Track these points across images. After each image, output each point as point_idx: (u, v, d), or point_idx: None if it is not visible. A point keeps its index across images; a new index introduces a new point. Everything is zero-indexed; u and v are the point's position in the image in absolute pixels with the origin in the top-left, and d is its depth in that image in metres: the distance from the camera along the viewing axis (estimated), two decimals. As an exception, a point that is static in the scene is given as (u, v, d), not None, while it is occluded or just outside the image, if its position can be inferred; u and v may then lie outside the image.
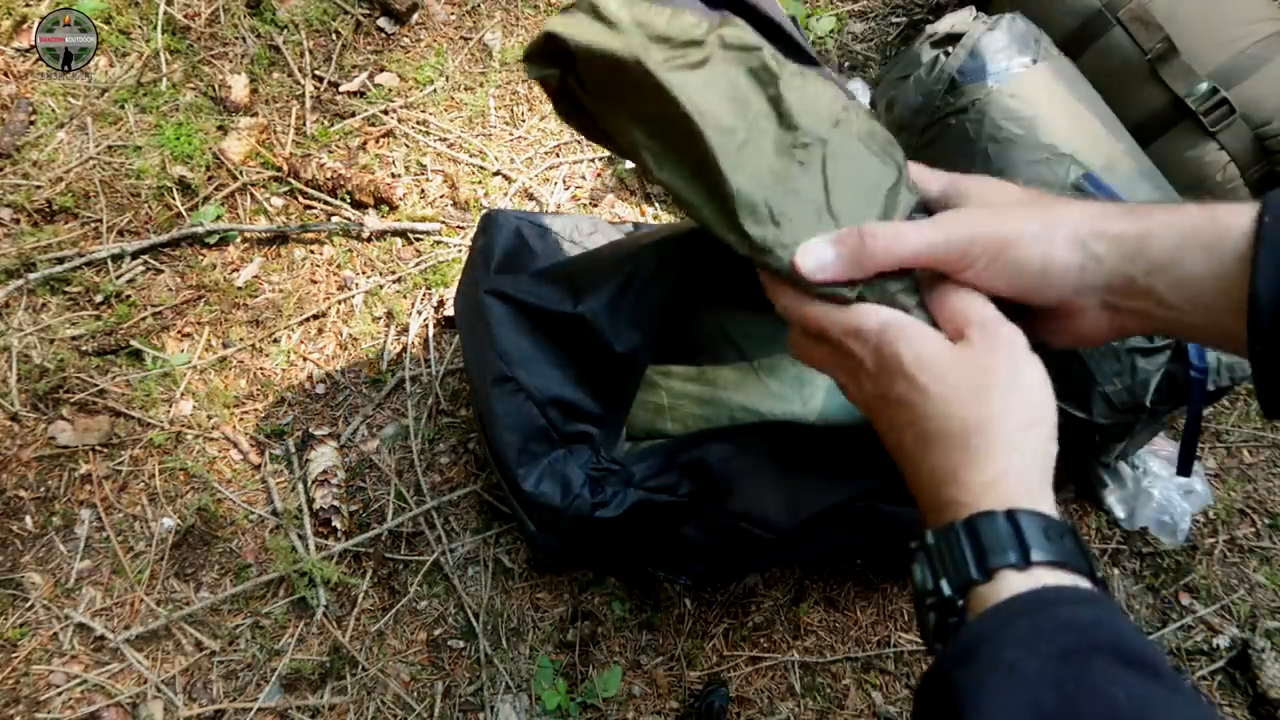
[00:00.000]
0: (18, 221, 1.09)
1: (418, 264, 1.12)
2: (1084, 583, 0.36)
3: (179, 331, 1.07)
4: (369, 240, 1.14)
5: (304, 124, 1.19)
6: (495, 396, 0.78)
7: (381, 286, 1.11)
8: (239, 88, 1.19)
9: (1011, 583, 0.35)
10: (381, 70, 1.24)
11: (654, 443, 0.89)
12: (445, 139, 1.21)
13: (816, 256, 0.44)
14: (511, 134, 1.22)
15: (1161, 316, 0.40)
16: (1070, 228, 0.41)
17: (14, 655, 0.91)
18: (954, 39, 1.04)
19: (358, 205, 1.15)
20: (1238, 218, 0.37)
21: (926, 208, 0.48)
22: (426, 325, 1.10)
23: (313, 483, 0.98)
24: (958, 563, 0.37)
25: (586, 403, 0.79)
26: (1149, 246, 0.39)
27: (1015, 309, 0.43)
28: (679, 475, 0.80)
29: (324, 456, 1.00)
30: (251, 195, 1.14)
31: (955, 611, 0.37)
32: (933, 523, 0.40)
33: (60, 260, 1.07)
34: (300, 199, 1.15)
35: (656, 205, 1.18)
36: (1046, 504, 0.38)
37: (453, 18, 1.30)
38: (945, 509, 0.39)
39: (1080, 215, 0.41)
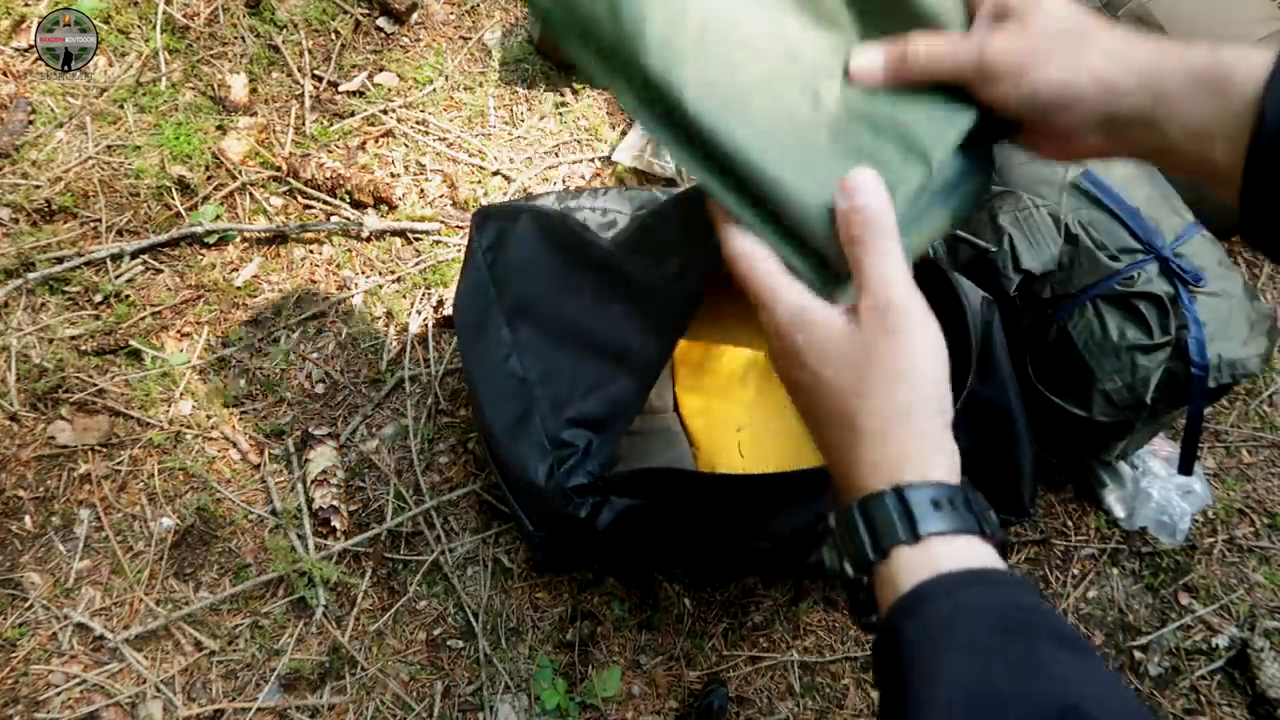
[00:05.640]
0: (17, 221, 1.09)
1: (417, 264, 1.12)
2: (980, 546, 0.38)
3: (178, 331, 1.07)
4: (368, 240, 1.14)
5: (303, 124, 1.19)
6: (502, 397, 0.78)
7: (381, 286, 1.11)
8: (238, 87, 1.19)
9: (908, 558, 0.37)
10: (381, 70, 1.24)
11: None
12: (444, 139, 1.21)
13: (867, 57, 0.45)
14: (511, 134, 1.22)
15: (1153, 145, 0.42)
16: (1098, 60, 0.42)
17: (13, 655, 0.91)
18: (953, 38, 1.04)
19: (357, 205, 1.15)
20: (1245, 61, 0.39)
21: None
22: (426, 325, 1.10)
23: (312, 482, 0.98)
24: (857, 545, 0.39)
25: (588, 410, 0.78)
26: (1166, 80, 0.40)
27: (1008, 124, 0.45)
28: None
29: (323, 456, 1.00)
30: (251, 195, 1.14)
31: (863, 588, 0.39)
32: (841, 502, 0.41)
33: (59, 260, 1.07)
34: (299, 199, 1.15)
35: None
36: (939, 470, 0.39)
37: (452, 17, 1.30)
38: (846, 490, 0.41)
39: (1110, 47, 0.42)
